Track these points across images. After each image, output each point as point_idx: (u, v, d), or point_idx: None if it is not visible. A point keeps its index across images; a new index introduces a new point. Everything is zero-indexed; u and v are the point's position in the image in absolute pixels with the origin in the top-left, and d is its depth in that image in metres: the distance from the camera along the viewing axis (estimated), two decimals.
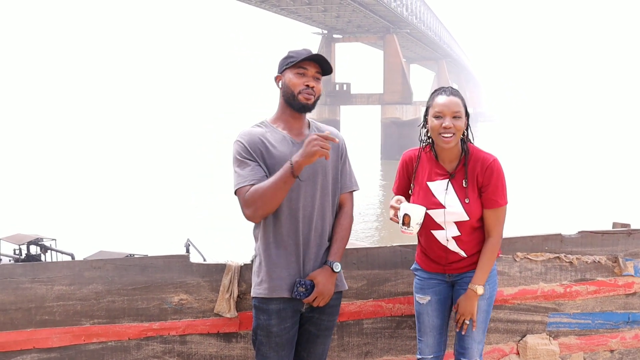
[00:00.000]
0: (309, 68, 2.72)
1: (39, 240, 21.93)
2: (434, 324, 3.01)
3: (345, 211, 2.87)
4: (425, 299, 3.01)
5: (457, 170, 2.89)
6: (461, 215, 2.85)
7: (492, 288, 3.00)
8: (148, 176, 45.26)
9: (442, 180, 2.89)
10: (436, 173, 2.91)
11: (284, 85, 2.74)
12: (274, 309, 2.69)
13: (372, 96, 60.23)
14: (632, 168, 48.69)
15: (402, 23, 61.54)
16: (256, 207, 2.61)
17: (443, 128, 2.80)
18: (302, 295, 2.68)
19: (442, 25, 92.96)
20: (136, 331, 3.05)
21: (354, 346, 3.36)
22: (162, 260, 3.08)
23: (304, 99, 2.71)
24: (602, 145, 77.65)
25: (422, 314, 3.03)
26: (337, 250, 2.79)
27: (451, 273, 2.98)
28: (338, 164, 2.85)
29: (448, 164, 2.91)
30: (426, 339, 3.03)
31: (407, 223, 2.77)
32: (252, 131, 2.74)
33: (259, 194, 2.59)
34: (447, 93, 2.86)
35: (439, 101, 2.84)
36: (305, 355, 2.84)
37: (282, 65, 2.77)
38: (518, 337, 3.56)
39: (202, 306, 3.11)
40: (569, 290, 3.57)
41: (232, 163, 2.71)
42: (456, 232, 2.88)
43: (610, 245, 3.63)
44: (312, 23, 59.13)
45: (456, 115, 2.81)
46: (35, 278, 2.94)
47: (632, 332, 3.74)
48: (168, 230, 26.29)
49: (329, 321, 2.84)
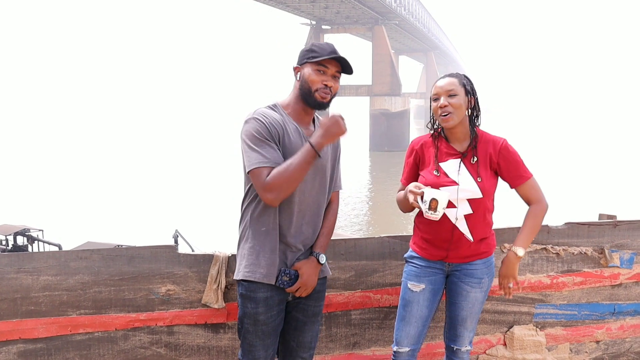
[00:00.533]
0: (330, 67, 2.67)
1: (26, 231, 21.77)
2: (421, 314, 2.97)
3: (332, 208, 2.89)
4: (420, 287, 2.96)
5: (469, 150, 2.91)
6: (475, 193, 2.85)
7: (490, 279, 3.01)
8: (137, 167, 45.05)
9: (454, 160, 2.90)
10: (447, 153, 2.92)
11: (302, 79, 2.69)
12: (261, 297, 2.68)
13: (360, 87, 60.11)
14: (619, 160, 49.05)
15: (391, 14, 61.42)
16: (280, 190, 2.56)
17: (440, 108, 2.86)
18: (286, 284, 2.68)
19: (431, 17, 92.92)
20: (123, 322, 3.03)
21: (341, 337, 3.36)
22: (150, 250, 3.06)
23: (320, 98, 2.67)
24: (589, 136, 78.13)
25: (411, 302, 2.97)
26: (323, 243, 2.80)
27: (452, 262, 2.94)
28: (335, 163, 2.86)
29: (458, 145, 2.93)
30: (408, 329, 2.97)
31: (434, 207, 2.75)
32: (270, 113, 2.66)
33: (285, 178, 2.54)
34: (444, 77, 2.93)
35: (437, 84, 2.92)
36: (295, 345, 2.83)
37: (302, 57, 2.71)
38: (505, 328, 3.58)
39: (190, 297, 3.10)
40: (555, 282, 3.60)
41: (247, 140, 2.60)
42: (469, 209, 2.87)
43: (597, 237, 3.65)
44: (301, 14, 58.90)
45: (451, 94, 2.85)
46: (20, 268, 2.91)
47: (618, 323, 3.77)
48: (156, 221, 26.19)
49: (316, 307, 2.84)
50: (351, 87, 60.03)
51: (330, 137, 2.59)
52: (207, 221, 25.20)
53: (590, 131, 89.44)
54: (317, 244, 2.78)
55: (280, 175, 2.54)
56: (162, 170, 43.16)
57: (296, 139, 2.67)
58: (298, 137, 2.68)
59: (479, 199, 2.86)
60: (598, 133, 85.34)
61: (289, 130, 2.67)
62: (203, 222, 25.23)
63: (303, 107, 2.73)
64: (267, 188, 2.56)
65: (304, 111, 2.74)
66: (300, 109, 2.73)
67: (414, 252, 3.04)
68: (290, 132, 2.67)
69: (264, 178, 2.56)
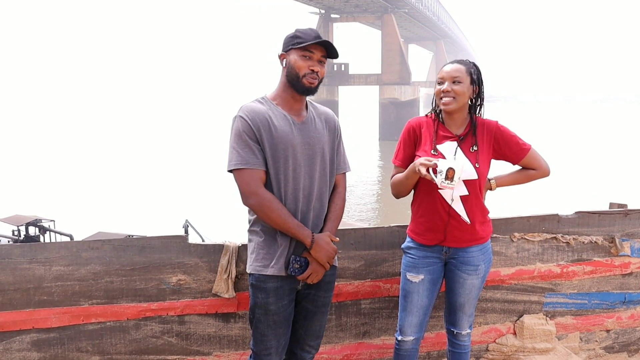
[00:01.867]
0: (315, 52, 2.69)
1: (37, 221, 21.90)
2: (422, 304, 3.00)
3: (339, 191, 2.88)
4: (419, 278, 2.98)
5: (465, 134, 2.94)
6: (471, 174, 2.87)
7: (487, 266, 3.02)
8: (147, 158, 45.19)
9: (451, 142, 2.93)
10: (444, 136, 2.94)
11: (289, 65, 2.70)
12: (271, 287, 2.69)
13: (370, 76, 59.94)
14: (630, 148, 48.71)
15: (400, 3, 61.11)
16: (257, 207, 2.65)
17: (442, 92, 2.90)
18: (297, 272, 2.69)
19: (441, 4, 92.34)
20: (135, 311, 3.06)
21: (351, 326, 3.38)
22: (160, 240, 3.08)
23: (308, 83, 2.68)
24: (601, 125, 77.56)
25: (411, 292, 3.00)
26: (331, 227, 2.80)
27: (450, 246, 2.95)
28: (334, 145, 2.85)
29: (455, 129, 2.96)
30: (410, 318, 3.01)
31: (450, 177, 2.71)
32: (255, 107, 2.69)
33: (266, 207, 2.63)
34: (452, 62, 2.97)
35: (443, 69, 2.95)
36: (303, 333, 2.85)
37: (287, 43, 2.72)
38: (515, 317, 3.58)
39: (201, 286, 3.12)
40: (565, 271, 3.59)
41: (232, 137, 2.67)
42: (464, 190, 2.89)
43: (607, 226, 3.64)
44: (310, 2, 58.64)
45: (456, 80, 2.89)
46: (33, 259, 2.94)
47: (628, 312, 3.76)
48: (166, 211, 26.29)
49: (325, 297, 2.85)
50: (360, 76, 59.87)
51: (321, 252, 2.69)
52: (217, 211, 25.29)
53: (602, 120, 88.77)
54: (325, 229, 2.78)
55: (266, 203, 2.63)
56: (172, 160, 43.28)
57: (284, 126, 2.68)
58: (286, 125, 2.69)
59: (474, 180, 2.88)
60: (610, 122, 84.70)
61: (274, 120, 2.67)
62: (213, 212, 25.32)
63: (292, 94, 2.74)
64: (247, 194, 2.65)
65: (292, 98, 2.74)
66: (289, 97, 2.75)
67: (410, 240, 3.05)
68: (276, 122, 2.67)
69: (245, 181, 2.64)
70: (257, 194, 2.63)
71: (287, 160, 2.67)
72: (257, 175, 2.65)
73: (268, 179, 2.68)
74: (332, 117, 2.88)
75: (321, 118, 2.83)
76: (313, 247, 2.68)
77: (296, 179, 2.69)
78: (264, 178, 2.67)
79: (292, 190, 2.70)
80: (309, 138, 2.73)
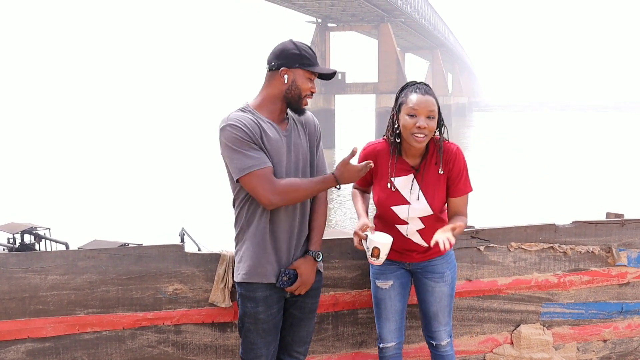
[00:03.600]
0: (316, 74, 2.74)
1: (33, 229, 21.82)
2: (396, 308, 3.03)
3: (319, 197, 2.87)
4: (388, 284, 3.01)
5: (422, 165, 2.87)
6: (425, 211, 2.86)
7: (452, 272, 3.03)
8: (142, 165, 45.14)
9: (407, 176, 2.88)
10: (400, 168, 2.89)
11: (293, 83, 2.69)
12: (260, 296, 2.72)
13: (366, 85, 60.05)
14: (627, 158, 48.84)
15: (397, 12, 61.29)
16: (287, 198, 2.63)
17: (417, 128, 2.75)
18: (286, 284, 2.73)
19: (437, 14, 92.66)
20: (130, 321, 3.04)
21: (348, 336, 3.37)
22: (157, 249, 3.07)
23: (305, 104, 2.74)
24: (597, 134, 77.81)
25: (383, 299, 3.02)
26: (318, 238, 2.83)
27: (410, 262, 2.99)
28: (314, 148, 2.86)
29: (412, 159, 2.89)
30: (388, 324, 3.03)
31: (376, 255, 2.75)
32: (241, 116, 2.65)
33: (297, 192, 2.64)
34: (421, 91, 2.80)
35: (413, 99, 2.78)
36: (290, 340, 2.88)
37: (293, 60, 2.68)
38: (512, 327, 3.58)
39: (197, 296, 3.11)
40: (562, 280, 3.59)
41: (232, 145, 2.60)
42: (420, 225, 2.89)
43: (604, 236, 3.64)
44: (306, 11, 58.80)
45: (430, 115, 2.77)
46: (29, 268, 2.93)
47: (625, 322, 3.76)
48: (162, 219, 26.23)
49: (312, 304, 2.89)
50: (357, 85, 59.98)
51: (349, 181, 2.71)
52: (213, 219, 25.24)
53: (599, 129, 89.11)
54: (311, 242, 2.82)
55: (294, 187, 2.63)
56: (168, 168, 43.23)
57: (274, 135, 2.69)
58: (275, 133, 2.69)
59: (429, 215, 2.87)
60: (606, 131, 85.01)
61: (265, 129, 2.67)
62: (209, 220, 25.27)
63: (281, 107, 2.74)
64: (277, 192, 2.60)
65: (279, 110, 2.74)
66: (277, 109, 2.73)
67: None
68: (267, 131, 2.67)
69: (270, 180, 2.60)
70: (277, 191, 2.61)
71: (276, 169, 2.68)
72: (269, 172, 2.62)
73: None
74: (311, 119, 2.87)
75: (301, 123, 2.82)
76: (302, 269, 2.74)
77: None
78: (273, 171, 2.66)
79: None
80: (294, 146, 2.75)
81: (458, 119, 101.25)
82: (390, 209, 2.90)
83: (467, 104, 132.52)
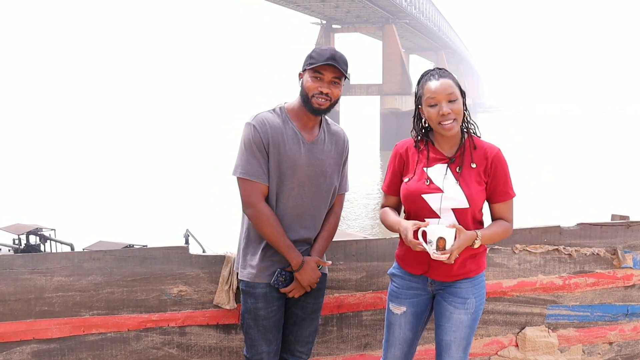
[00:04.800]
0: (326, 73, 2.69)
1: (38, 230, 21.92)
2: (404, 337, 2.78)
3: (334, 211, 2.91)
4: (401, 310, 2.76)
5: (457, 155, 2.65)
6: (461, 202, 2.59)
7: (478, 301, 2.71)
8: (147, 167, 45.21)
9: (441, 165, 2.64)
10: (434, 158, 2.66)
11: (302, 85, 2.75)
12: (260, 292, 2.76)
13: (371, 87, 60.06)
14: (632, 160, 48.68)
15: (401, 13, 61.29)
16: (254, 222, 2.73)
17: (441, 116, 2.57)
18: (281, 285, 2.75)
19: (442, 15, 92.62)
20: (135, 322, 3.05)
21: (353, 338, 3.36)
22: (162, 251, 3.08)
23: (317, 104, 2.71)
24: (603, 136, 77.58)
25: (393, 324, 2.78)
26: (321, 247, 2.84)
27: (435, 279, 2.69)
28: (339, 167, 2.89)
29: (447, 149, 2.67)
30: (393, 351, 2.79)
31: (442, 247, 2.47)
32: (269, 119, 2.73)
33: (263, 227, 2.70)
34: (436, 77, 2.62)
35: (430, 87, 2.60)
36: (293, 339, 2.90)
37: (304, 63, 2.76)
38: (517, 329, 3.57)
39: (202, 297, 3.11)
40: (567, 283, 3.57)
41: (242, 143, 2.72)
42: (453, 220, 2.59)
43: (609, 238, 3.63)
44: (311, 13, 58.88)
45: (451, 99, 2.57)
46: (34, 269, 2.93)
47: (631, 324, 3.75)
48: (167, 220, 26.28)
49: (315, 304, 2.90)
50: (362, 87, 59.99)
51: (305, 280, 2.76)
52: (218, 220, 25.27)
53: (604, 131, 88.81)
54: (314, 248, 2.83)
55: (265, 218, 2.69)
56: (173, 169, 43.28)
57: (293, 146, 2.72)
58: (295, 143, 2.73)
59: (464, 209, 2.60)
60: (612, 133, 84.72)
61: (286, 138, 2.72)
62: (214, 221, 25.30)
63: (305, 112, 2.77)
64: (248, 204, 2.72)
65: (305, 116, 2.78)
66: (303, 114, 2.78)
67: (397, 266, 2.83)
68: (287, 139, 2.72)
69: (248, 193, 2.70)
70: (255, 207, 2.70)
71: (290, 179, 2.72)
72: (259, 189, 2.70)
73: (269, 192, 2.73)
74: (342, 137, 2.90)
75: (332, 138, 2.85)
76: (300, 270, 2.74)
77: (295, 198, 2.75)
78: (266, 192, 2.72)
79: (289, 208, 2.75)
80: (315, 159, 2.77)
81: None
82: (421, 198, 2.61)
83: (472, 105, 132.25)
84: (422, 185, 2.63)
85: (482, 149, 2.67)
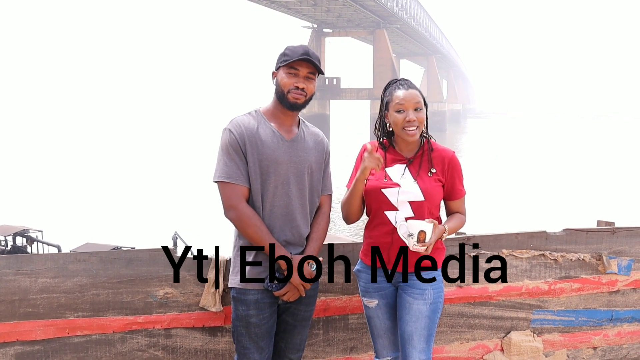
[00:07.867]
0: (301, 69, 2.75)
1: (25, 232, 21.74)
2: (386, 326, 2.98)
3: (323, 212, 2.93)
4: (373, 303, 2.96)
5: (415, 157, 2.90)
6: (416, 195, 2.83)
7: (436, 293, 2.87)
8: (136, 168, 45.05)
9: (400, 165, 2.90)
10: (393, 159, 2.92)
11: (277, 82, 2.78)
12: (251, 299, 2.74)
13: (361, 91, 60.27)
14: (617, 166, 49.04)
15: (393, 18, 61.54)
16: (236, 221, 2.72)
17: (407, 122, 2.82)
18: (274, 287, 2.73)
19: (432, 21, 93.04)
20: (121, 324, 3.03)
21: (339, 341, 3.36)
22: (148, 253, 3.07)
23: (293, 99, 2.75)
24: (589, 142, 78.11)
25: (372, 317, 2.99)
26: (313, 249, 2.84)
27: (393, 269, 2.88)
28: (322, 166, 2.91)
29: (407, 152, 2.93)
30: (381, 341, 3.00)
31: (422, 239, 2.70)
32: (244, 122, 2.76)
33: (246, 228, 2.69)
34: (405, 87, 2.87)
35: (399, 95, 2.85)
36: (284, 346, 2.89)
37: (277, 61, 2.80)
38: (502, 334, 3.58)
39: (188, 300, 3.10)
40: (553, 288, 3.60)
41: (219, 149, 2.75)
42: (409, 212, 2.82)
43: (595, 243, 3.65)
44: (302, 17, 58.99)
45: (417, 107, 2.83)
46: (19, 270, 2.91)
47: (615, 329, 3.77)
48: (156, 222, 26.17)
49: (306, 311, 2.89)
50: (352, 91, 60.15)
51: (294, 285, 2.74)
52: (206, 223, 25.19)
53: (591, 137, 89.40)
54: (307, 250, 2.82)
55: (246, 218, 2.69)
56: (162, 171, 43.15)
57: (270, 143, 2.75)
58: (273, 141, 2.76)
59: (420, 201, 2.83)
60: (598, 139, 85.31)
61: (262, 136, 2.74)
62: (202, 224, 25.22)
63: (281, 109, 2.80)
64: (228, 209, 2.72)
65: (282, 114, 2.81)
66: (279, 112, 2.81)
67: (360, 262, 3.03)
68: (265, 138, 2.74)
69: (227, 194, 2.70)
70: (236, 208, 2.70)
71: (271, 177, 2.73)
72: (239, 191, 2.71)
73: (251, 194, 2.74)
74: (322, 139, 2.95)
75: (312, 137, 2.89)
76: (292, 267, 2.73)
77: (278, 196, 2.75)
78: (247, 194, 2.73)
79: (273, 207, 2.75)
80: (297, 156, 2.79)
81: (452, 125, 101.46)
82: (381, 192, 2.85)
83: (461, 111, 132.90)
84: (381, 182, 2.88)
85: (438, 151, 2.93)
